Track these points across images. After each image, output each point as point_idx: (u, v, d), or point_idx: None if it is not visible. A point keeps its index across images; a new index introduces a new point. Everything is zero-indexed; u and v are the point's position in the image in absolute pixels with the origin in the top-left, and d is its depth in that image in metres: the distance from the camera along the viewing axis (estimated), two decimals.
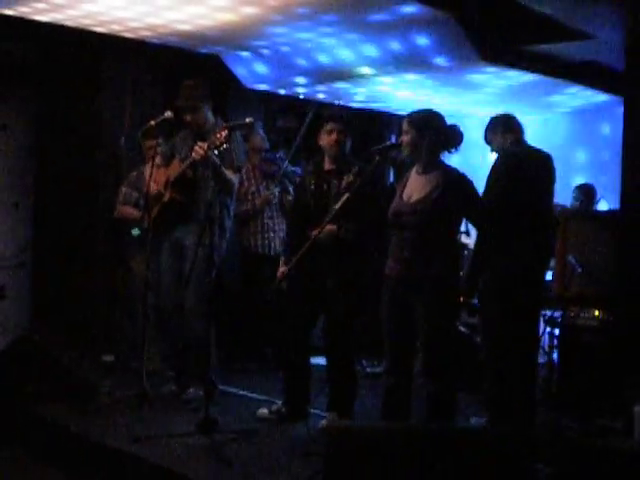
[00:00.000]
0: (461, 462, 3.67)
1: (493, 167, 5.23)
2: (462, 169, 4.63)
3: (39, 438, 5.33)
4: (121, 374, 6.40)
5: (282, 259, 5.37)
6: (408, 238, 4.48)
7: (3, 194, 7.38)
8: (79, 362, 5.92)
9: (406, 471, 3.62)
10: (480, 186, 4.85)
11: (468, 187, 4.57)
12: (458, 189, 4.51)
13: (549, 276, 5.99)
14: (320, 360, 7.00)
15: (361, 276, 5.16)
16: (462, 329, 6.63)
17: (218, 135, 5.20)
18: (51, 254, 7.34)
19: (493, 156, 5.43)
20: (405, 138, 4.54)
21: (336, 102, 8.16)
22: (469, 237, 6.68)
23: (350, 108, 8.42)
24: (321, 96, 8.05)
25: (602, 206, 7.53)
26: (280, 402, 5.37)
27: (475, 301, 6.08)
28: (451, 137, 4.58)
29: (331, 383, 5.24)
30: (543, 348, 6.35)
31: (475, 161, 8.02)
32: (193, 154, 5.40)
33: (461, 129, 4.61)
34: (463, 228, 6.49)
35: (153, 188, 5.74)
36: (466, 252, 6.76)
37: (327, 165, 5.24)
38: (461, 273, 5.12)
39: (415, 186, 4.58)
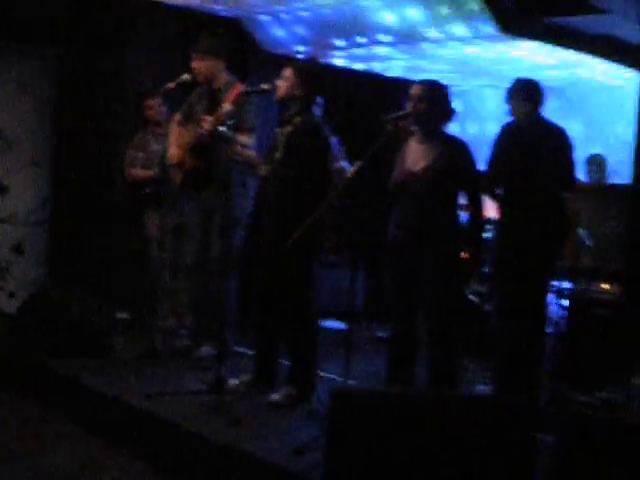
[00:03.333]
0: (464, 429, 3.69)
1: (499, 134, 5.29)
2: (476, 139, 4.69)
3: (53, 391, 5.43)
4: (135, 331, 6.48)
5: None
6: (414, 205, 4.53)
7: (22, 152, 7.43)
8: (94, 318, 6.00)
9: (409, 435, 3.65)
10: None
11: (469, 155, 4.63)
12: (461, 156, 4.59)
13: None
14: (332, 323, 7.13)
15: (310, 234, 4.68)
16: (471, 297, 6.65)
17: (222, 110, 5.29)
18: (69, 211, 7.40)
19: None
20: (418, 106, 4.56)
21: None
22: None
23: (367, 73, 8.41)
24: (340, 62, 8.03)
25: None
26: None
27: (485, 269, 6.12)
28: (451, 111, 4.67)
29: (289, 352, 5.08)
30: (551, 319, 6.38)
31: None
32: (200, 128, 5.46)
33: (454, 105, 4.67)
34: None
35: (173, 154, 5.77)
36: None
37: (284, 115, 5.12)
38: None
39: (418, 155, 4.62)
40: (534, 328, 5.30)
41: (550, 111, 5.39)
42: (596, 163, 7.46)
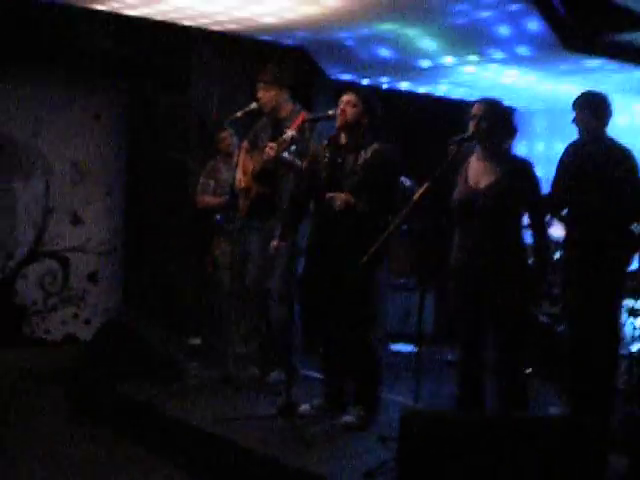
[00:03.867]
0: (537, 452, 3.67)
1: (563, 155, 5.28)
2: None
3: (127, 418, 5.52)
4: (207, 357, 6.55)
5: (277, 232, 5.34)
6: (479, 225, 4.50)
7: (96, 182, 7.63)
8: (167, 345, 6.10)
9: (479, 459, 3.64)
10: None
11: (533, 176, 4.60)
12: (525, 176, 4.55)
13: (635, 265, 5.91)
14: (400, 346, 7.13)
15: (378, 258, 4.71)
16: (543, 318, 6.59)
17: (285, 137, 5.38)
18: (141, 240, 7.56)
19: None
20: (480, 125, 4.54)
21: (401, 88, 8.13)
22: (550, 227, 6.64)
23: (430, 96, 8.44)
24: (404, 85, 8.07)
25: None
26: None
27: (556, 290, 6.06)
28: (513, 128, 4.71)
29: (354, 374, 5.09)
30: (624, 339, 6.28)
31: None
32: (264, 155, 5.55)
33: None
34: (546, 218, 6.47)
35: (240, 180, 5.88)
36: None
37: (342, 139, 5.09)
38: None
39: (481, 173, 4.59)
40: (606, 349, 5.23)
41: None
42: None
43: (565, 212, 5.43)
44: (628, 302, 6.20)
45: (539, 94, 8.16)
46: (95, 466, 4.87)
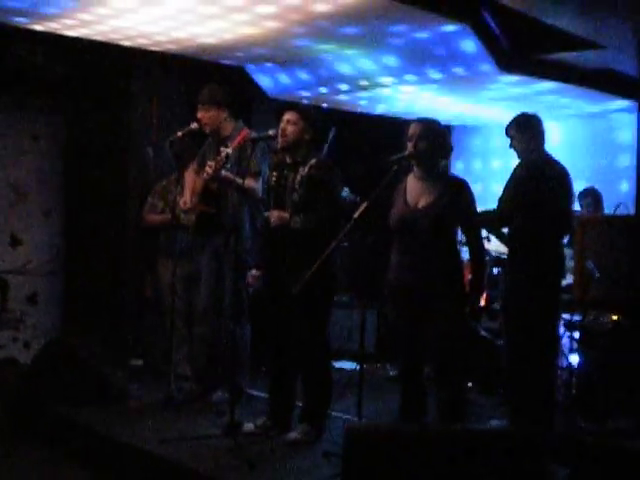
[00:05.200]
0: (479, 463, 3.71)
1: (515, 174, 5.36)
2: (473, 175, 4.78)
3: (69, 440, 5.47)
4: (149, 378, 6.54)
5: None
6: (417, 244, 4.57)
7: (35, 203, 7.54)
8: (109, 366, 6.04)
9: (425, 472, 3.67)
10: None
11: (469, 194, 4.69)
12: (462, 195, 4.64)
13: (569, 279, 6.05)
14: (343, 364, 7.15)
15: (324, 275, 4.79)
16: (483, 333, 6.69)
17: (219, 157, 5.45)
18: (82, 261, 7.48)
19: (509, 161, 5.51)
20: (420, 144, 4.62)
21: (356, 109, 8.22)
22: (489, 242, 6.75)
23: (370, 115, 8.55)
24: (344, 104, 8.15)
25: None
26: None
27: (496, 305, 6.15)
28: (449, 148, 4.81)
29: (304, 392, 5.15)
30: (563, 351, 6.39)
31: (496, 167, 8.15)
32: (204, 174, 5.58)
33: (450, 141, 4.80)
34: (484, 234, 6.58)
35: (187, 199, 5.89)
36: (487, 257, 6.84)
37: (288, 159, 5.17)
38: None
39: (419, 192, 4.67)
40: (545, 361, 5.33)
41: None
42: (591, 196, 7.36)
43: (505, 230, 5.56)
44: (565, 316, 6.34)
45: (474, 113, 8.32)
46: None
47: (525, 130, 5.41)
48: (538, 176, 5.28)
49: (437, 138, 4.66)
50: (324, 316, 5.11)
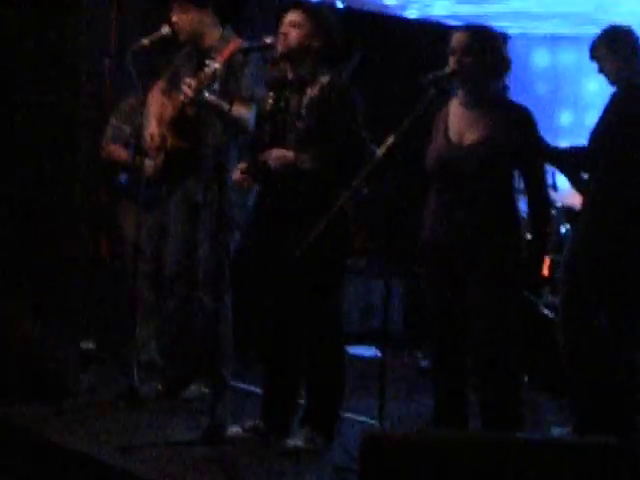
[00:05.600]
0: None
1: (610, 106, 5.43)
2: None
3: (2, 445, 5.55)
4: (105, 366, 6.64)
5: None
6: (462, 193, 4.61)
7: None
8: (51, 350, 6.10)
9: None
10: None
11: (534, 127, 4.72)
12: (523, 128, 4.66)
13: None
14: (360, 350, 7.23)
15: (335, 233, 4.84)
16: (545, 311, 6.74)
17: (207, 70, 5.40)
18: (14, 210, 7.50)
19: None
20: (466, 60, 4.63)
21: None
22: (556, 192, 6.79)
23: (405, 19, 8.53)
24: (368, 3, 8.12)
25: None
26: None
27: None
28: (505, 62, 4.76)
29: (307, 387, 5.21)
30: None
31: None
32: (181, 94, 5.58)
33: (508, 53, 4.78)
34: (550, 181, 6.61)
35: (153, 132, 5.91)
36: (554, 211, 6.88)
37: (289, 75, 5.18)
38: None
39: (466, 123, 4.69)
40: (622, 354, 5.42)
41: None
42: None
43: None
44: None
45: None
46: None
47: (619, 48, 5.44)
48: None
49: (489, 51, 4.66)
50: (335, 287, 5.16)
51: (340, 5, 8.13)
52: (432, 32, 8.17)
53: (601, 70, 5.55)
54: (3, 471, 5.36)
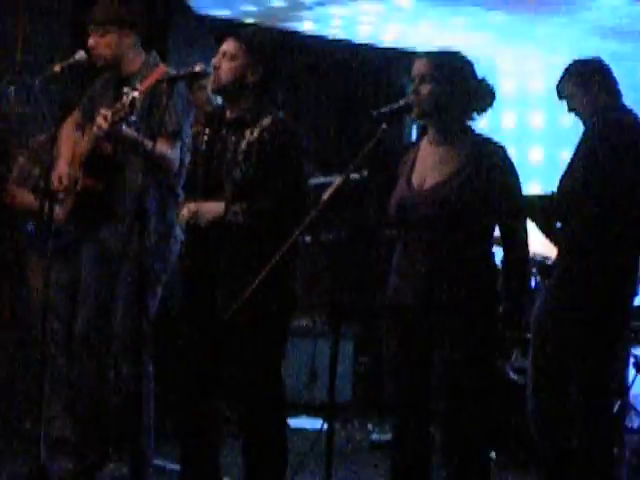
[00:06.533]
0: None
1: (583, 146, 5.50)
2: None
3: None
4: (7, 443, 6.52)
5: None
6: (424, 243, 4.58)
7: None
8: None
9: None
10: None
11: (509, 166, 4.69)
12: (496, 168, 4.61)
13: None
14: (306, 422, 7.18)
15: (276, 290, 4.86)
16: (512, 375, 6.73)
17: (120, 103, 5.32)
18: None
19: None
20: (423, 90, 4.61)
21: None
22: None
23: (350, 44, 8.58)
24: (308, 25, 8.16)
25: None
26: None
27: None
28: (482, 94, 4.70)
29: (244, 467, 5.19)
30: (634, 406, 6.47)
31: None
32: (94, 128, 5.49)
33: (492, 84, 4.73)
34: None
35: (63, 171, 5.81)
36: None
37: (228, 113, 5.20)
38: None
39: (431, 164, 4.68)
40: (601, 419, 5.47)
41: None
42: None
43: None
44: (638, 352, 6.42)
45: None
46: None
47: (587, 82, 5.51)
48: (617, 145, 5.39)
49: (455, 78, 4.63)
50: (276, 351, 5.16)
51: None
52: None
53: (571, 109, 5.61)
54: None
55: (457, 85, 4.63)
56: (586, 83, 5.53)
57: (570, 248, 5.57)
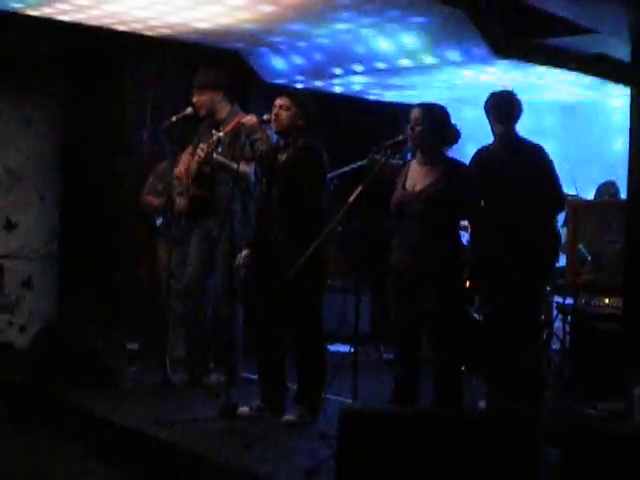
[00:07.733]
0: (469, 444, 3.76)
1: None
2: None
3: (66, 422, 5.53)
4: (145, 361, 6.61)
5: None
6: (414, 226, 4.64)
7: (30, 187, 7.58)
8: (105, 349, 6.10)
9: (417, 452, 3.74)
10: None
11: (469, 179, 4.78)
12: (460, 180, 4.69)
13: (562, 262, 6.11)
14: (339, 347, 7.21)
15: (315, 261, 4.74)
16: (475, 315, 6.74)
17: (210, 140, 5.54)
18: (77, 244, 7.52)
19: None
20: (417, 129, 4.67)
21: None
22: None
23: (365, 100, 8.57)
24: (337, 89, 8.18)
25: None
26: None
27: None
28: (452, 134, 4.76)
29: (298, 374, 5.19)
30: (557, 335, 6.48)
31: None
32: (196, 156, 5.64)
33: (459, 127, 4.77)
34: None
35: (182, 180, 5.96)
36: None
37: (280, 142, 5.21)
38: None
39: (418, 176, 4.73)
40: (527, 340, 5.40)
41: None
42: (609, 193, 7.07)
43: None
44: (558, 299, 6.43)
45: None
46: (35, 473, 4.87)
47: (492, 113, 5.39)
48: (495, 162, 5.30)
49: (437, 122, 4.68)
50: (317, 301, 5.16)
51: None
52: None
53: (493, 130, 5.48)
54: (65, 441, 5.36)
55: (437, 127, 4.70)
56: (491, 112, 5.37)
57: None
